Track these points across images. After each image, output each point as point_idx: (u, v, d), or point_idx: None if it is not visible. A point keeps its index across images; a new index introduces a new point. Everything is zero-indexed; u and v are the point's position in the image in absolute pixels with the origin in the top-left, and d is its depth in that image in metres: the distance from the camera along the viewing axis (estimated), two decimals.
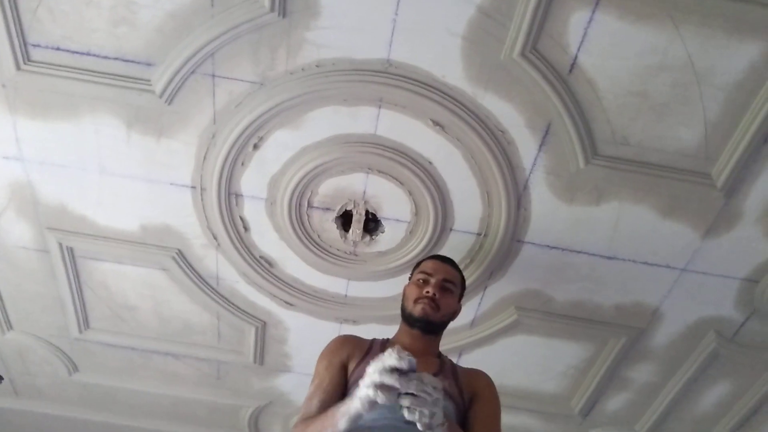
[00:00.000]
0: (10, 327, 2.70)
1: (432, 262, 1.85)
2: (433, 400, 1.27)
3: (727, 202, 1.95)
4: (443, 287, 1.77)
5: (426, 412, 1.26)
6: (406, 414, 1.26)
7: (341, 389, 1.62)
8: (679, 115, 1.77)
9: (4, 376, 3.01)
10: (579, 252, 2.13)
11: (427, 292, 1.74)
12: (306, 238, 2.18)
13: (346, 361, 1.67)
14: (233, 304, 2.46)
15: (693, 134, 1.81)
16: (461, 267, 2.19)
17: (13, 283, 2.48)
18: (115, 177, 2.07)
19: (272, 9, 1.66)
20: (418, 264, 1.88)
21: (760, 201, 1.93)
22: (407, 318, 1.76)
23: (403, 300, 1.81)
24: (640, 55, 1.67)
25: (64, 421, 3.25)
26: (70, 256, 2.34)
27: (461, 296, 1.87)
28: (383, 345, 1.73)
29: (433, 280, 1.77)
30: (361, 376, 1.38)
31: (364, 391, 1.28)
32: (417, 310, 1.73)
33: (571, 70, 1.73)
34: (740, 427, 2.75)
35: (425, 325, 1.73)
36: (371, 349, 1.70)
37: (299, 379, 2.77)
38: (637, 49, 1.66)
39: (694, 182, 1.90)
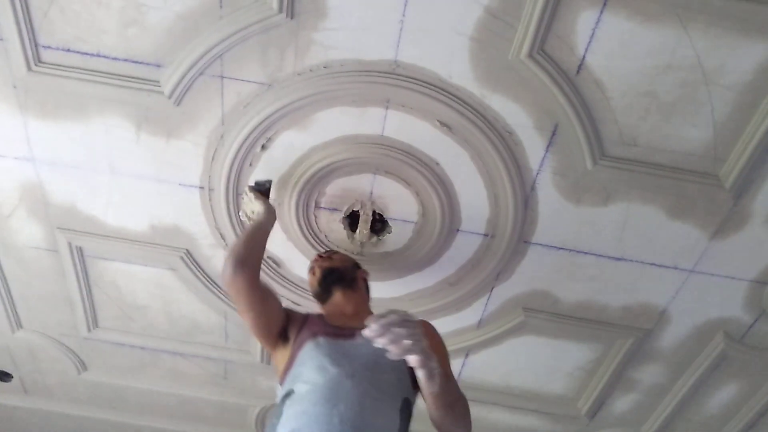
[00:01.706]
0: (20, 326, 2.72)
1: None
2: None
3: (735, 203, 1.94)
4: (325, 256, 2.00)
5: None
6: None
7: (275, 311, 1.66)
8: (687, 115, 1.77)
9: (14, 375, 3.04)
10: (586, 253, 2.13)
11: (314, 260, 1.98)
12: (313, 238, 2.18)
13: (285, 323, 1.68)
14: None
15: (701, 135, 1.81)
16: (468, 268, 2.21)
17: (24, 282, 2.51)
18: (125, 177, 2.08)
19: (280, 10, 1.66)
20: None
21: None
22: (320, 291, 1.87)
23: (312, 292, 1.94)
24: (648, 56, 1.67)
25: (73, 420, 3.28)
26: (79, 256, 2.36)
27: (359, 268, 1.99)
28: (319, 317, 1.73)
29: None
30: (301, 346, 1.55)
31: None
32: (317, 273, 1.90)
33: (578, 71, 1.72)
34: (749, 429, 2.74)
35: (333, 276, 1.86)
36: (307, 318, 1.70)
37: None
38: (645, 49, 1.66)
39: (702, 183, 1.90)
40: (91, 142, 1.99)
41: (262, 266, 2.29)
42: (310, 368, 1.48)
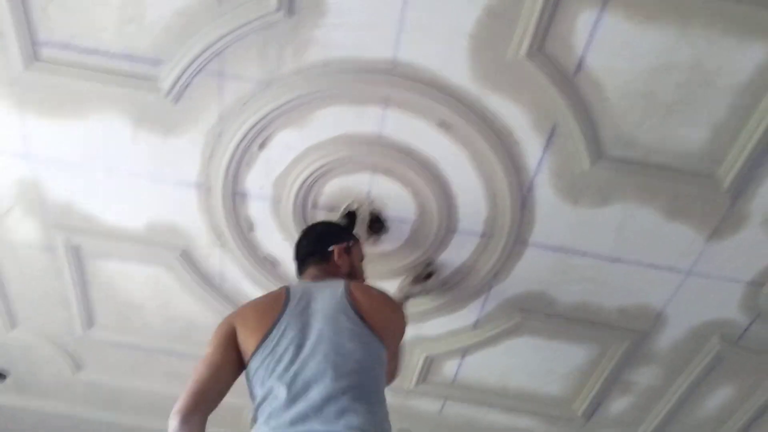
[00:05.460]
0: (15, 325, 2.71)
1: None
2: None
3: (732, 204, 1.94)
4: None
5: None
6: None
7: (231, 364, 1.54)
8: (685, 116, 1.77)
9: (8, 374, 3.02)
10: (583, 254, 2.13)
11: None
12: None
13: (232, 331, 1.57)
14: (237, 303, 2.46)
15: (699, 136, 1.81)
16: (465, 268, 2.21)
17: (20, 280, 2.49)
18: (122, 175, 2.07)
19: (279, 8, 1.66)
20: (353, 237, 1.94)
21: (766, 203, 1.92)
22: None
23: (356, 264, 1.89)
24: (647, 56, 1.67)
25: (68, 420, 3.26)
26: (75, 255, 2.35)
27: None
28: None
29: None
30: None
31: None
32: (362, 260, 1.94)
33: (577, 71, 1.72)
34: (744, 431, 2.74)
35: None
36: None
37: None
38: (644, 50, 1.66)
39: (699, 184, 1.90)
40: (89, 139, 1.99)
41: (260, 268, 2.29)
42: None
